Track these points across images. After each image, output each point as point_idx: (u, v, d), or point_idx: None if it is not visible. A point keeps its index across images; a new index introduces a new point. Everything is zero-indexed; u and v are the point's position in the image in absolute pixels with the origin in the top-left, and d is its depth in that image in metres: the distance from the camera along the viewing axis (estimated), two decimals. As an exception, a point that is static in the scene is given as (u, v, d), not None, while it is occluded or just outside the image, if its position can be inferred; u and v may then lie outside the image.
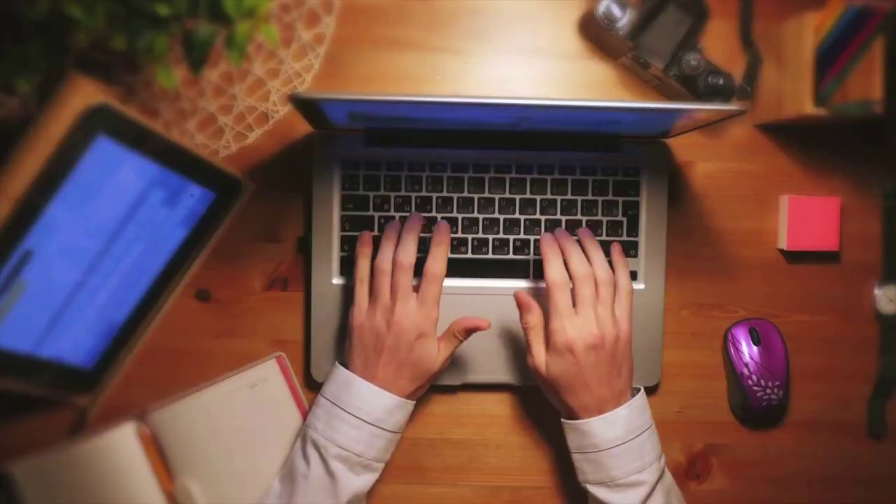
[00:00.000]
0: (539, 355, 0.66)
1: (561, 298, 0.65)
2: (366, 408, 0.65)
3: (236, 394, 0.71)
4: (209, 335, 0.73)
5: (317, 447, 0.65)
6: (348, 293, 0.71)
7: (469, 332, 0.68)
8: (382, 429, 0.65)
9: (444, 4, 0.73)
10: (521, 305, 0.68)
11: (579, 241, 0.70)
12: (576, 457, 0.67)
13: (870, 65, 0.66)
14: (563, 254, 0.67)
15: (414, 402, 0.68)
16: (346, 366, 0.67)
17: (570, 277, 0.66)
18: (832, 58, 0.67)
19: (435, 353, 0.67)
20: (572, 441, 0.67)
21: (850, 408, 0.77)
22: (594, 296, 0.66)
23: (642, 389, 0.69)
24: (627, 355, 0.67)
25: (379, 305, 0.66)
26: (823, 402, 0.77)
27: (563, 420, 0.67)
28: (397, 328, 0.65)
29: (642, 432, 0.65)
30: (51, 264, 0.61)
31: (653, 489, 0.65)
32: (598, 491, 0.65)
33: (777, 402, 0.74)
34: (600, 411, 0.65)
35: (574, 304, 0.65)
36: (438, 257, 0.67)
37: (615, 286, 0.68)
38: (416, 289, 0.67)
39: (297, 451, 0.67)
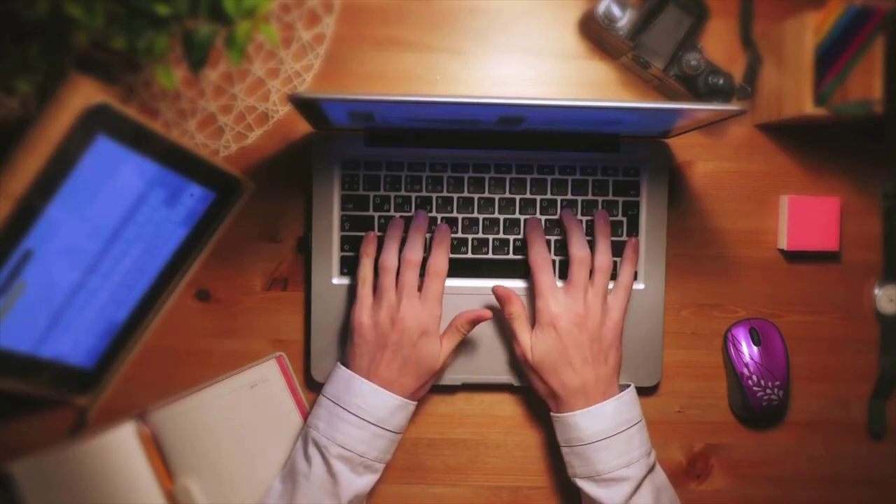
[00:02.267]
0: (524, 341, 0.67)
1: (544, 278, 0.66)
2: (368, 408, 0.65)
3: (236, 394, 0.71)
4: (209, 335, 0.73)
5: (318, 447, 0.65)
6: (350, 293, 0.71)
7: (473, 323, 0.68)
8: (384, 429, 0.65)
9: (444, 4, 0.73)
10: (500, 299, 0.69)
11: (594, 224, 0.71)
12: (564, 451, 0.68)
13: (870, 65, 0.66)
14: (567, 234, 0.69)
15: (416, 402, 0.68)
16: (347, 366, 0.67)
17: (569, 259, 0.67)
18: (832, 58, 0.67)
19: (438, 351, 0.67)
20: (560, 435, 0.68)
21: (850, 408, 0.77)
22: (587, 280, 0.67)
23: (632, 385, 0.69)
24: (615, 344, 0.67)
25: (384, 303, 0.66)
26: (823, 402, 0.77)
27: (551, 414, 0.68)
28: (401, 325, 0.65)
29: (629, 427, 0.66)
30: (51, 264, 0.61)
31: (639, 485, 0.65)
32: (585, 485, 0.66)
33: (777, 402, 0.74)
34: (586, 398, 0.65)
35: (567, 285, 0.66)
36: (441, 255, 0.68)
37: (617, 279, 0.69)
38: (419, 288, 0.67)
39: (298, 450, 0.67)
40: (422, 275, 0.68)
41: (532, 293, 0.70)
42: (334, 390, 0.67)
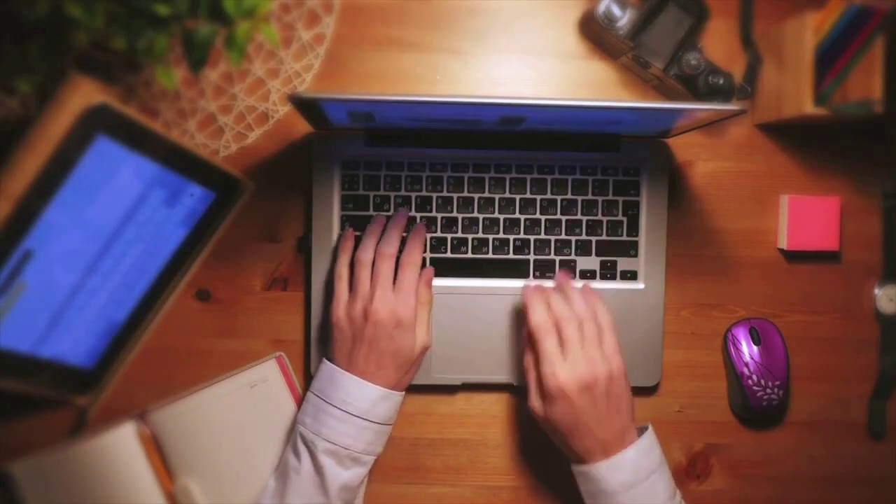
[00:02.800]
0: (537, 399, 0.65)
1: (547, 343, 0.64)
2: (350, 400, 0.65)
3: (236, 394, 0.71)
4: (209, 335, 0.73)
5: (306, 442, 0.65)
6: (329, 290, 0.71)
7: (429, 287, 0.70)
8: (369, 420, 0.65)
9: (444, 4, 0.73)
10: (527, 338, 0.67)
11: (556, 284, 0.70)
12: (588, 503, 0.66)
13: (870, 65, 0.66)
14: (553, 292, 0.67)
15: (401, 392, 0.68)
16: (331, 361, 0.68)
17: (557, 321, 0.65)
18: (832, 58, 0.67)
19: (413, 341, 0.67)
20: (583, 487, 0.66)
21: (850, 408, 0.77)
22: (580, 336, 0.65)
23: (650, 428, 0.66)
24: (624, 390, 0.65)
25: (359, 296, 0.67)
26: (823, 402, 0.77)
27: (572, 466, 0.66)
28: (375, 317, 0.65)
29: (651, 474, 0.64)
30: (51, 264, 0.61)
31: None
32: None
33: (777, 402, 0.74)
34: (605, 453, 0.63)
35: (564, 348, 0.64)
36: (414, 248, 0.69)
37: (598, 324, 0.66)
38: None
39: (289, 447, 0.67)
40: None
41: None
42: (319, 385, 0.67)
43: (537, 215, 0.72)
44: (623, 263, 0.73)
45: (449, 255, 0.72)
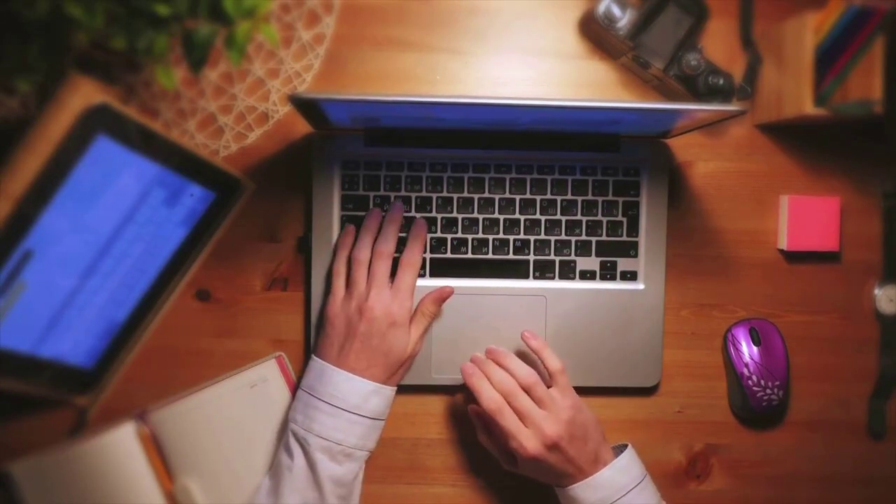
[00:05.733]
0: (509, 464, 0.69)
1: (505, 420, 0.66)
2: (340, 395, 0.65)
3: (236, 394, 0.71)
4: (209, 335, 0.73)
5: (298, 439, 0.66)
6: (328, 288, 0.71)
7: (438, 303, 0.70)
8: (359, 415, 0.66)
9: (444, 4, 0.73)
10: (476, 417, 0.71)
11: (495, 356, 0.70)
12: None
13: (870, 65, 0.66)
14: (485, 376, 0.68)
15: (392, 388, 0.69)
16: (320, 357, 0.68)
17: (504, 395, 0.67)
18: (832, 58, 0.67)
19: (406, 341, 0.68)
20: None
21: (850, 408, 0.77)
22: (531, 402, 0.66)
23: (629, 447, 0.69)
24: (588, 421, 0.67)
25: (354, 294, 0.67)
26: (823, 402, 0.77)
27: (555, 488, 0.69)
28: (370, 315, 0.66)
29: (629, 491, 0.66)
30: (51, 264, 0.61)
31: None
32: None
33: (777, 402, 0.74)
34: (582, 476, 0.66)
35: (522, 418, 0.66)
36: (414, 248, 0.69)
37: (548, 370, 0.68)
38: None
39: (281, 445, 0.68)
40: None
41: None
42: (309, 382, 0.67)
43: (537, 215, 0.72)
44: (623, 264, 0.73)
45: (449, 255, 0.72)
